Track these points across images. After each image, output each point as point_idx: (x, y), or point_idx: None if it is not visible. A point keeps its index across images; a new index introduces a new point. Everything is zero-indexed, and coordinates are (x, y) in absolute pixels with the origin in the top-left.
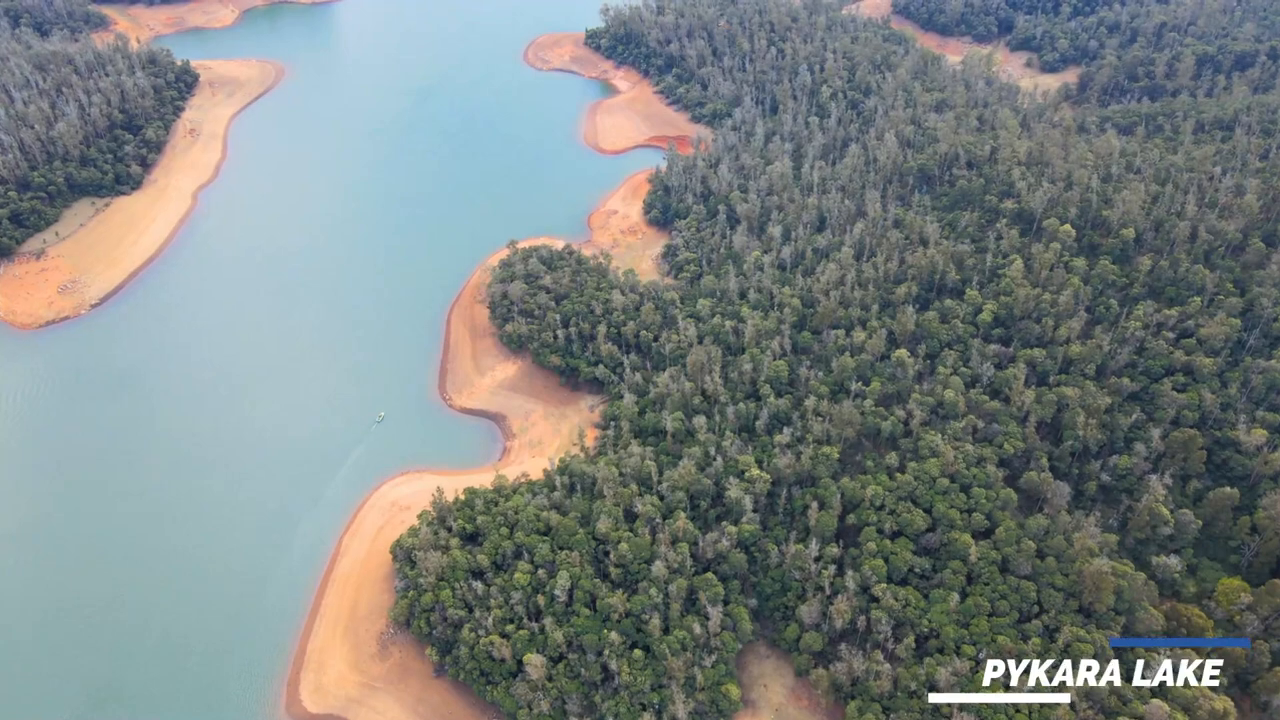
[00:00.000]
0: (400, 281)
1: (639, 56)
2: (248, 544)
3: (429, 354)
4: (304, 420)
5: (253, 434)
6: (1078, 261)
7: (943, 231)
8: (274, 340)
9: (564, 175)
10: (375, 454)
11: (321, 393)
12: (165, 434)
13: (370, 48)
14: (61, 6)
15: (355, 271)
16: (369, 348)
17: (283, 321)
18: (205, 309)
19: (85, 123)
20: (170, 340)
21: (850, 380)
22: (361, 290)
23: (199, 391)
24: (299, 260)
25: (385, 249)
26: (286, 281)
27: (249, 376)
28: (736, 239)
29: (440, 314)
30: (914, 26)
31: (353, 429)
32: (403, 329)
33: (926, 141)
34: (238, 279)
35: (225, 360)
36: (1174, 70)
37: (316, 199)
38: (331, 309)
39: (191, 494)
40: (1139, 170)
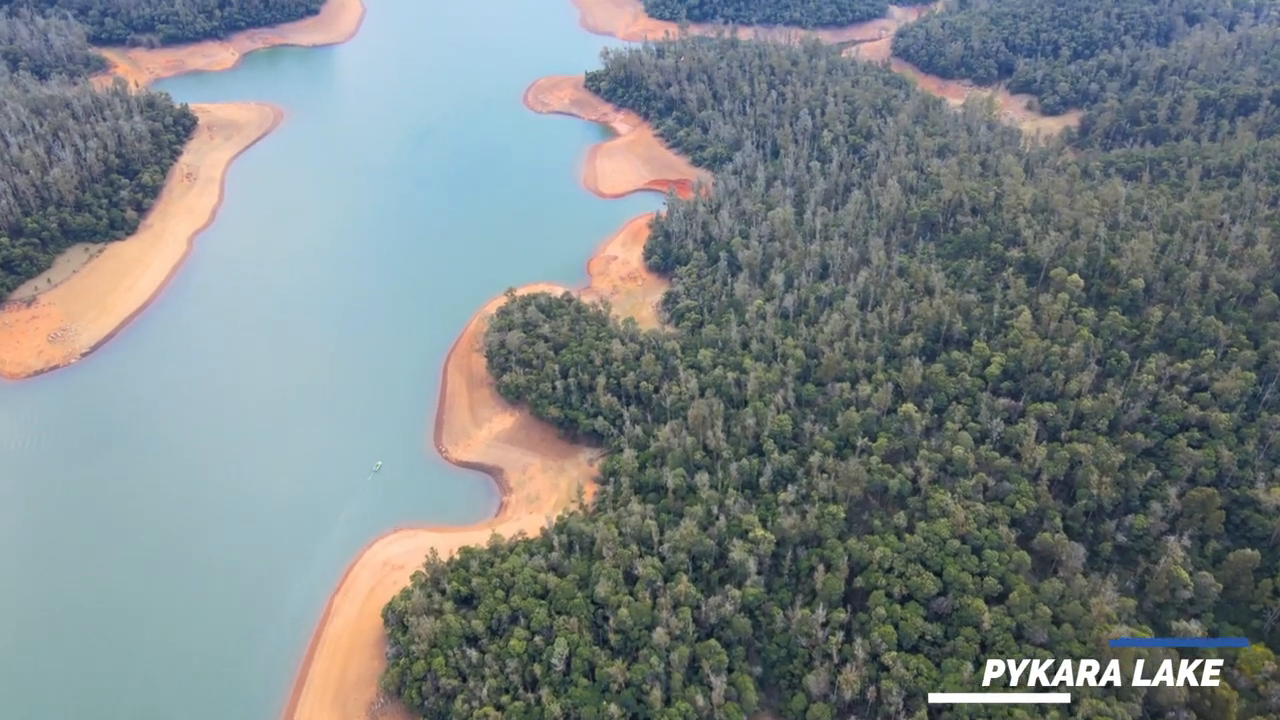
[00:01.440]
0: (397, 329)
1: (639, 99)
2: (236, 605)
3: (425, 404)
4: (297, 473)
5: (244, 487)
6: (1086, 312)
7: (948, 280)
8: (268, 389)
9: (563, 219)
10: (369, 509)
11: (315, 444)
12: (153, 489)
13: (370, 90)
14: (61, 50)
15: (351, 318)
16: (364, 398)
17: (277, 369)
18: (197, 357)
19: (81, 167)
20: (161, 390)
21: (856, 436)
22: (357, 338)
23: (190, 443)
24: (294, 306)
25: (382, 295)
26: (281, 328)
27: (241, 426)
28: (738, 286)
29: (437, 363)
30: (914, 69)
31: (346, 482)
32: (399, 378)
33: (929, 187)
34: (231, 326)
35: (217, 410)
36: (1176, 114)
37: (313, 244)
38: (327, 357)
39: (179, 551)
40: (1145, 217)
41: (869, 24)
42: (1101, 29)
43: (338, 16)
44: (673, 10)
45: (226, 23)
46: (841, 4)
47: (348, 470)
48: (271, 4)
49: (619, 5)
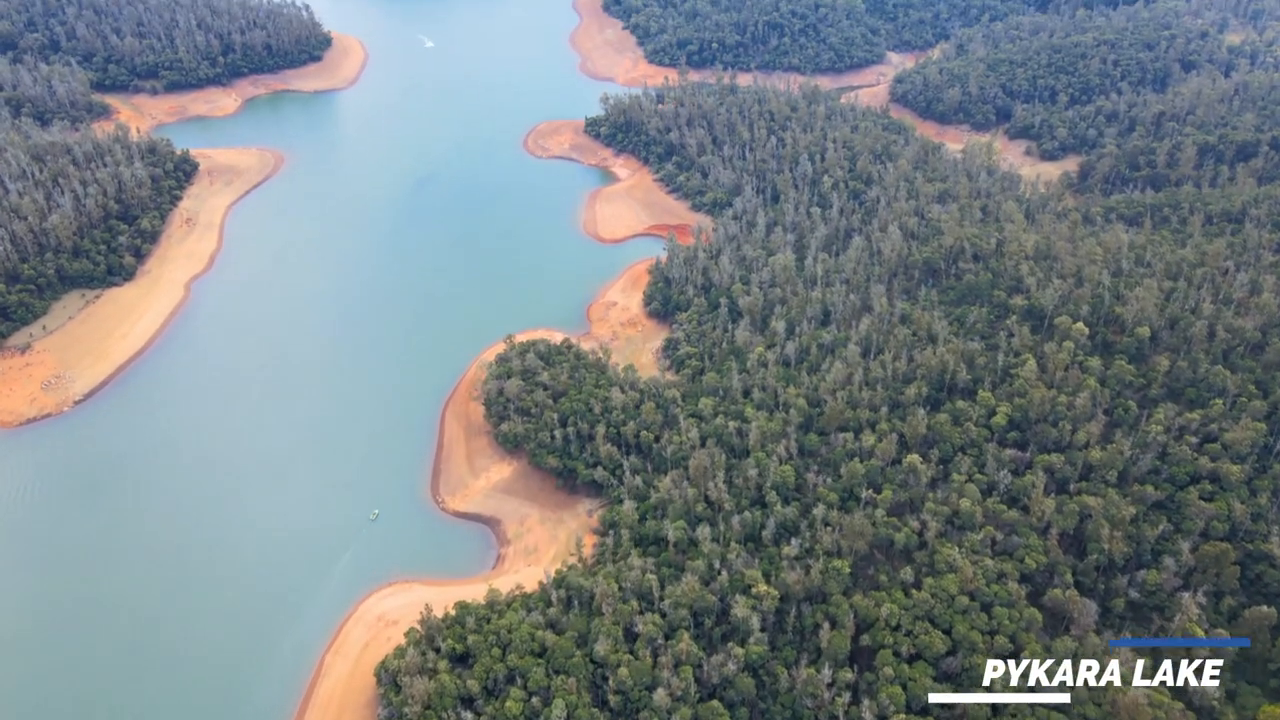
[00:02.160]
0: (395, 375)
1: (638, 144)
2: (227, 661)
3: (422, 453)
4: (290, 525)
5: (237, 538)
6: (1092, 361)
7: (951, 328)
8: (263, 436)
9: (563, 264)
10: (363, 562)
11: (309, 495)
12: (144, 539)
13: (371, 135)
14: (64, 96)
15: (348, 365)
16: (360, 446)
17: (271, 418)
18: (192, 405)
19: (80, 214)
20: (154, 438)
21: (860, 487)
22: (354, 385)
23: (183, 491)
24: (291, 352)
25: (380, 341)
26: (277, 375)
27: (236, 475)
28: (739, 333)
29: (434, 410)
30: (912, 114)
31: (341, 532)
32: (395, 426)
33: (931, 233)
34: (227, 372)
35: (210, 459)
36: (1175, 159)
37: (311, 289)
38: (322, 405)
39: (169, 604)
40: (1148, 264)
41: (867, 70)
42: (1098, 75)
43: (340, 63)
44: (672, 57)
45: (230, 69)
46: (839, 50)
47: (343, 520)
48: (275, 51)
49: (619, 51)
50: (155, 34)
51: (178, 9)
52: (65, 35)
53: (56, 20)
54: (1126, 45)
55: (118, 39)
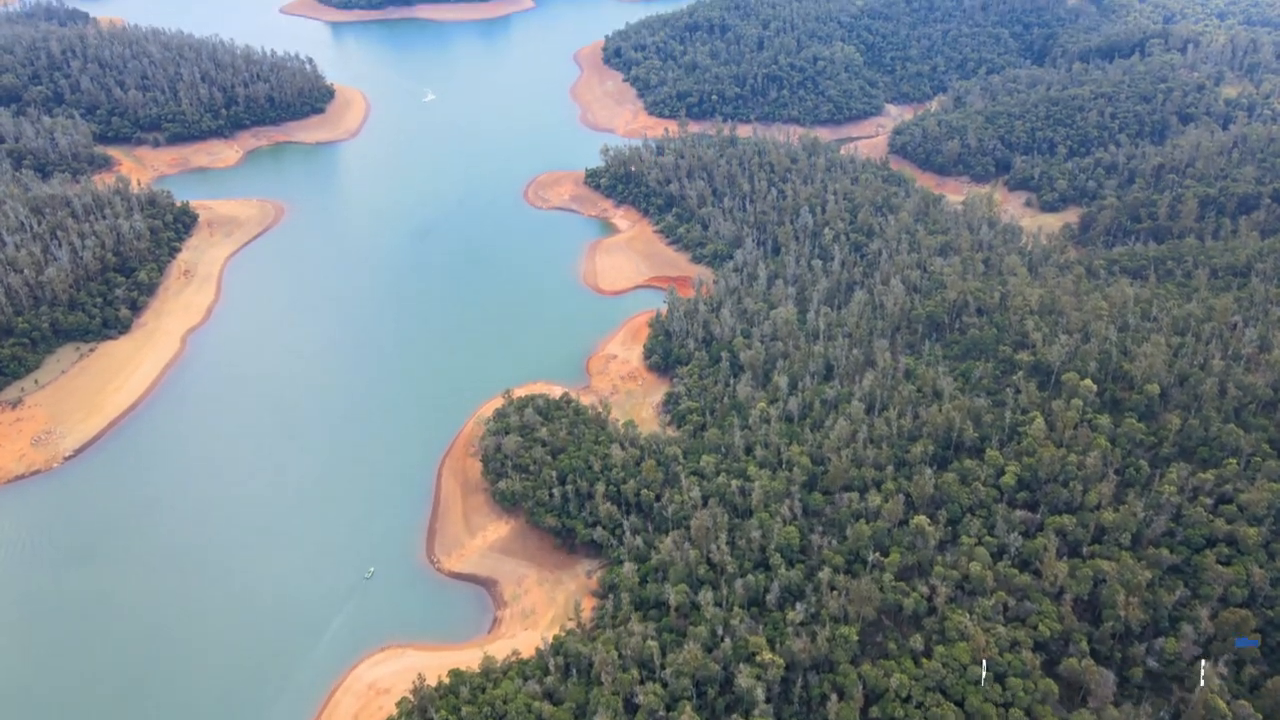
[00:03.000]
0: (392, 430)
1: (639, 195)
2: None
3: (418, 511)
4: (282, 586)
5: (225, 602)
6: (1102, 419)
7: (956, 384)
8: (254, 495)
9: (563, 317)
10: (355, 625)
11: (302, 554)
12: (131, 602)
13: (371, 186)
14: (67, 148)
15: (346, 419)
16: (355, 503)
17: (265, 474)
18: (183, 461)
19: (77, 266)
20: (143, 496)
21: (867, 550)
22: (351, 439)
23: (170, 554)
24: (287, 406)
25: (377, 396)
26: (272, 429)
27: (228, 535)
28: (740, 388)
29: (431, 467)
30: (912, 166)
31: (333, 594)
32: (391, 483)
33: (933, 287)
34: (221, 427)
35: (201, 517)
36: (1177, 212)
37: (308, 342)
38: (317, 461)
39: (157, 670)
40: (1155, 318)
41: (866, 121)
42: (1096, 128)
43: (342, 115)
44: (672, 108)
45: (232, 121)
46: (838, 102)
47: (336, 581)
48: (278, 103)
49: (619, 103)
50: (159, 87)
51: (182, 63)
52: (70, 88)
53: (61, 74)
54: (1124, 98)
55: (121, 92)
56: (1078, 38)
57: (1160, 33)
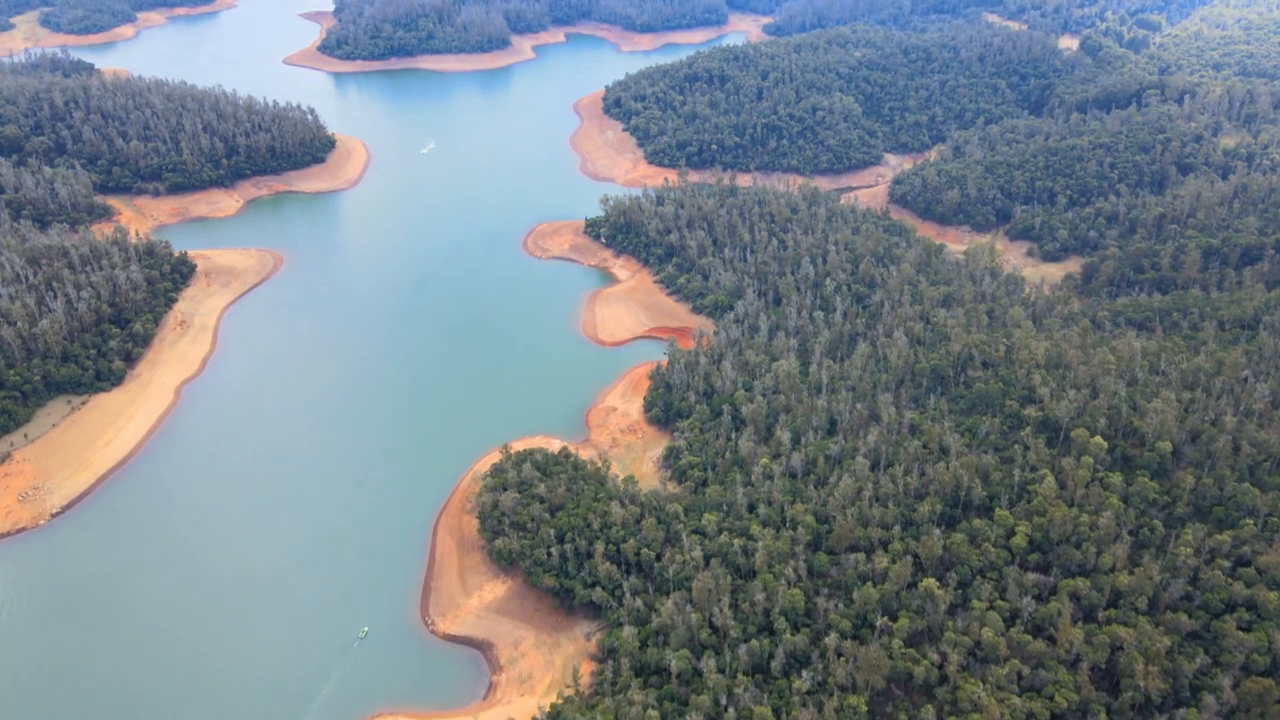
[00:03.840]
0: (387, 485)
1: (639, 245)
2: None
3: (413, 569)
4: (272, 649)
5: (213, 666)
6: (1113, 477)
7: (963, 439)
8: (245, 553)
9: (562, 368)
10: (345, 692)
11: (293, 615)
12: (117, 664)
13: (371, 235)
14: (66, 198)
15: (340, 474)
16: (348, 562)
17: (256, 531)
18: (173, 517)
19: (71, 318)
20: (131, 554)
21: (875, 614)
22: (345, 495)
23: (161, 612)
24: (280, 460)
25: (373, 449)
26: (265, 484)
27: (218, 593)
28: (743, 443)
29: (427, 523)
30: (912, 215)
31: (325, 658)
32: (386, 540)
33: (937, 339)
34: (212, 482)
35: (192, 574)
36: (1180, 262)
37: (303, 394)
38: (311, 517)
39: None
40: (1163, 372)
41: (865, 171)
42: (1096, 178)
43: (343, 164)
44: (672, 158)
45: (233, 171)
46: (837, 152)
47: (327, 644)
48: (278, 153)
49: (619, 152)
50: (161, 137)
51: (184, 113)
52: (72, 138)
53: (64, 124)
54: (1122, 148)
55: (123, 142)
56: (1074, 89)
57: (1156, 84)
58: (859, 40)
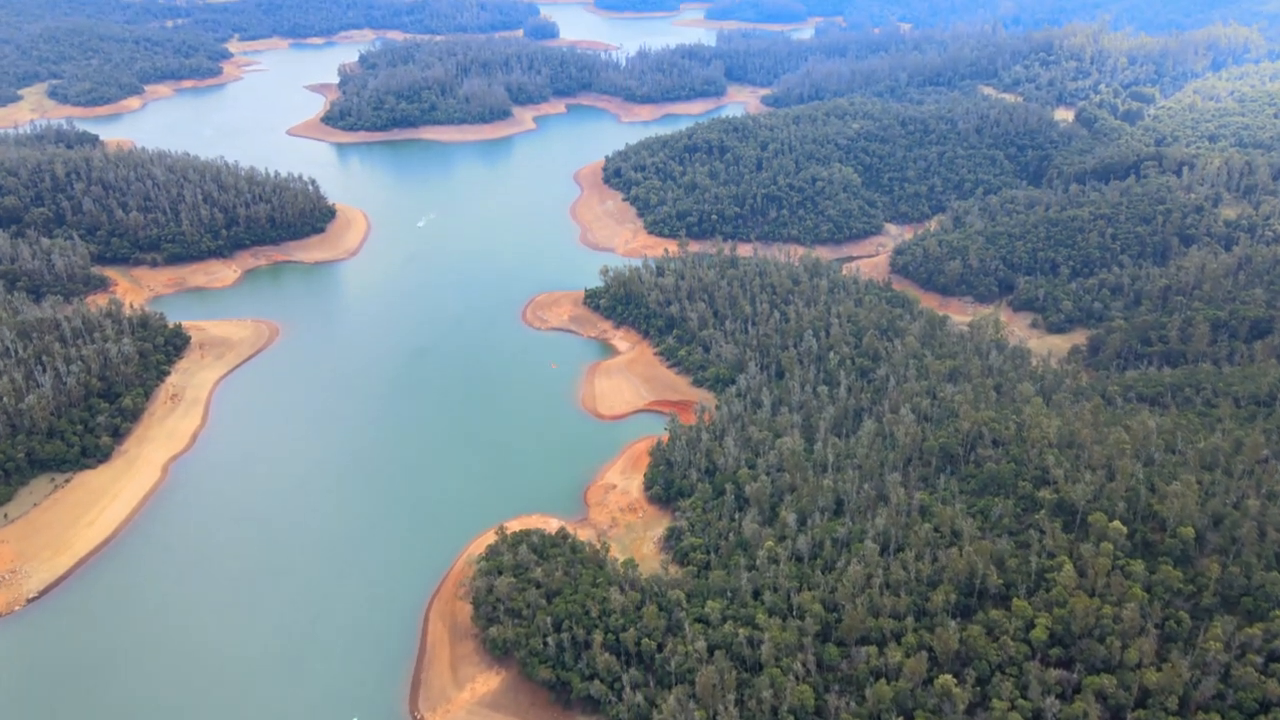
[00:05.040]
0: (378, 568)
1: (639, 317)
2: None
3: (402, 657)
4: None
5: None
6: (1135, 565)
7: (976, 523)
8: (229, 639)
9: (560, 443)
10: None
11: (277, 704)
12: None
13: (368, 306)
14: (63, 270)
15: (330, 555)
16: (337, 649)
17: (241, 615)
18: (154, 602)
19: (59, 393)
20: (107, 641)
21: (889, 713)
22: (335, 578)
23: (135, 704)
24: (268, 541)
25: (365, 529)
26: (251, 566)
27: (193, 688)
28: (746, 525)
29: (418, 608)
30: (914, 286)
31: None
32: (376, 626)
33: (944, 415)
34: (197, 564)
35: (169, 664)
36: (1188, 335)
37: (294, 471)
38: (299, 601)
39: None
40: (1180, 451)
41: (866, 240)
42: (1098, 248)
43: (343, 234)
44: (672, 228)
45: (232, 241)
46: (838, 222)
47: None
48: (278, 223)
49: (619, 222)
50: (161, 208)
51: (185, 184)
52: (72, 209)
53: (65, 195)
54: (1123, 219)
55: (123, 213)
56: (1072, 160)
57: (1154, 155)
58: (857, 112)
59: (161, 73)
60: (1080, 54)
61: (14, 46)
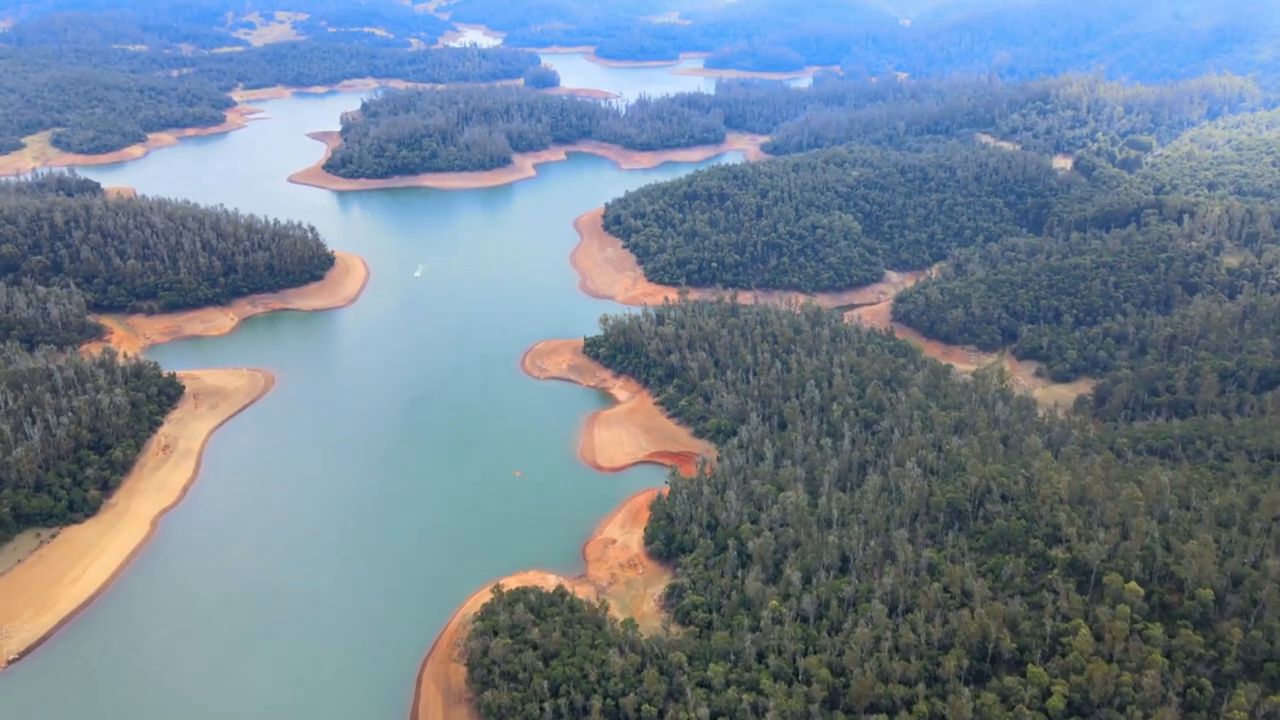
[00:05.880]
0: (371, 628)
1: (639, 366)
2: None
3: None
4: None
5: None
6: (1154, 629)
7: (986, 582)
8: (215, 703)
9: (559, 495)
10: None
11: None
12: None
13: (366, 354)
14: (58, 318)
15: (321, 614)
16: (326, 714)
17: (228, 677)
18: (137, 663)
19: (48, 445)
20: (89, 704)
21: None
22: (325, 639)
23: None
24: (258, 598)
25: (358, 586)
26: (240, 625)
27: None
28: (749, 583)
29: (411, 670)
30: (916, 334)
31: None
32: (367, 690)
33: (951, 468)
34: (183, 623)
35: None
36: (1195, 385)
37: (286, 525)
38: (288, 661)
39: None
40: (1194, 508)
41: (867, 288)
42: (1100, 296)
43: (341, 282)
44: (672, 275)
45: (230, 289)
46: (838, 270)
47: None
48: (277, 271)
49: (619, 270)
50: (159, 256)
51: (184, 232)
52: (70, 257)
53: (63, 243)
54: (1125, 267)
55: (121, 261)
56: (1071, 207)
57: (1154, 203)
58: (856, 160)
59: (165, 121)
60: (1077, 103)
61: (19, 95)
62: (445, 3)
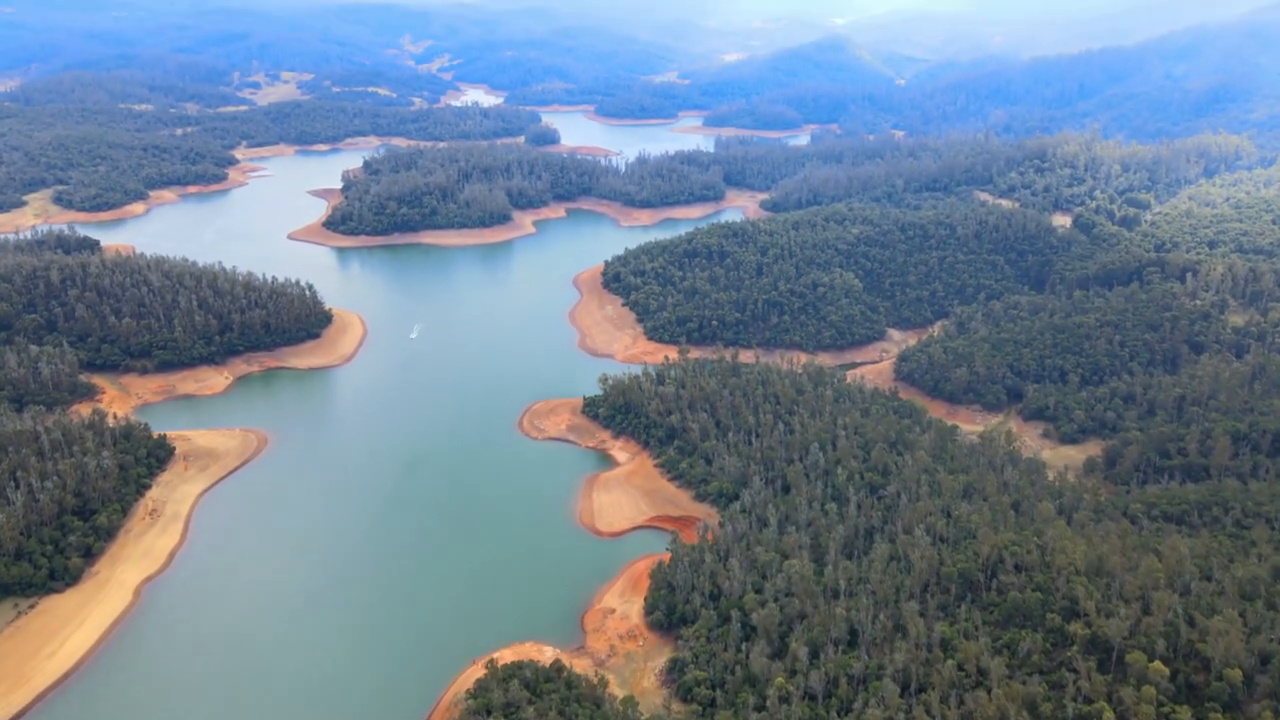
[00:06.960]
0: (360, 706)
1: (638, 427)
2: None
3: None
4: None
5: None
6: (1181, 712)
7: (1003, 659)
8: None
9: (557, 561)
10: None
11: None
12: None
13: (361, 414)
14: (49, 378)
15: (307, 690)
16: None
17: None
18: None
19: (31, 511)
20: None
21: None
22: (312, 718)
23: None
24: (243, 673)
25: (347, 659)
26: (223, 700)
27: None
28: (754, 658)
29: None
30: (920, 393)
31: None
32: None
33: (961, 536)
34: (164, 698)
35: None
36: (1208, 448)
37: (273, 595)
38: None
39: None
40: (1215, 579)
41: (869, 346)
42: (1106, 355)
43: (338, 340)
44: (672, 334)
45: (225, 348)
46: (840, 328)
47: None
48: (273, 329)
49: (618, 328)
50: (154, 314)
51: (180, 290)
52: (64, 315)
53: (58, 302)
54: (1130, 326)
55: (115, 319)
56: (1073, 265)
57: (1156, 261)
58: (855, 217)
59: (167, 178)
60: (1074, 161)
61: (23, 153)
62: (448, 63)
